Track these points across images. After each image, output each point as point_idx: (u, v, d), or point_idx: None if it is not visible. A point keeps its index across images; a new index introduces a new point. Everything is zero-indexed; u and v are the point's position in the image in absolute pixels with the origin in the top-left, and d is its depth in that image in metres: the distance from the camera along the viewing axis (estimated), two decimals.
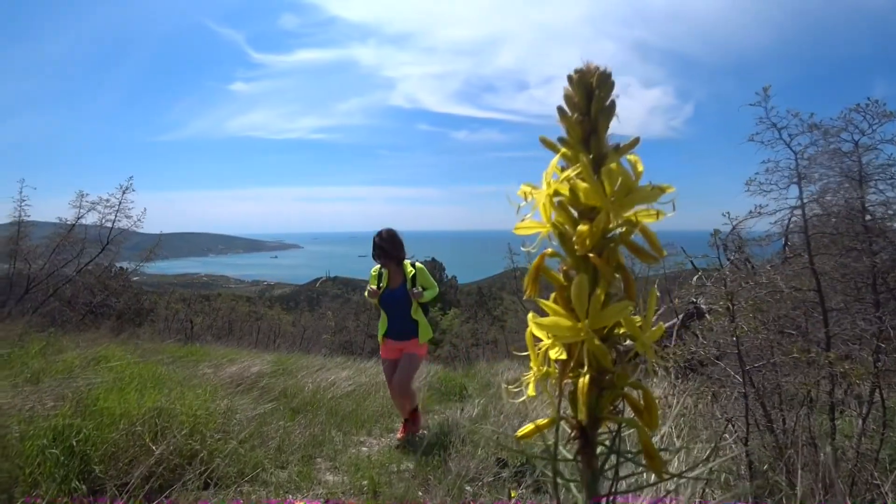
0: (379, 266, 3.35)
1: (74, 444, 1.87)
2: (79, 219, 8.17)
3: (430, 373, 5.50)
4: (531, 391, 0.54)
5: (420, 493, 2.14)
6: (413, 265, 3.37)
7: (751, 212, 2.99)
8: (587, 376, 0.49)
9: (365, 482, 2.22)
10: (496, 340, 15.89)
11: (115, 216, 8.17)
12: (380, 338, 3.38)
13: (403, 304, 3.26)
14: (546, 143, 0.56)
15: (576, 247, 0.49)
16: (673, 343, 5.89)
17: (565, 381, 0.52)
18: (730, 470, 2.08)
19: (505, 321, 19.98)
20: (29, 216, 8.09)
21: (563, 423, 0.52)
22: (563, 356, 0.52)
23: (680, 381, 4.23)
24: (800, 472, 1.71)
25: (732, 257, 5.66)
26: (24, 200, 7.98)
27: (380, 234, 3.33)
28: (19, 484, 1.77)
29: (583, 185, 0.50)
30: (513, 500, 2.07)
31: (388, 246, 3.29)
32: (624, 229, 0.52)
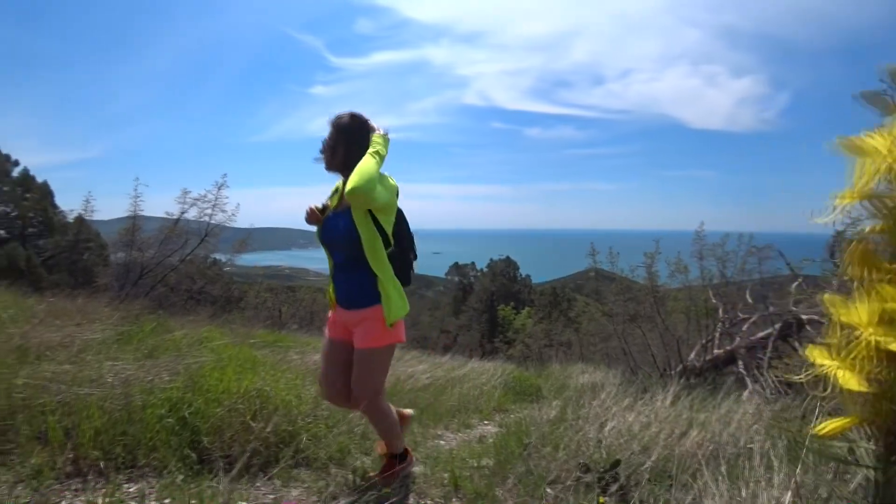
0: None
1: (186, 415, 2.06)
2: (183, 213, 8.96)
3: (506, 371, 5.48)
4: (854, 384, 0.46)
5: (500, 492, 2.13)
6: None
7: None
8: None
9: (445, 475, 2.24)
10: (570, 342, 15.52)
11: (212, 211, 8.87)
12: (328, 299, 2.11)
13: (350, 243, 1.90)
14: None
15: None
16: (768, 355, 5.44)
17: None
18: None
19: (580, 323, 19.47)
20: (142, 211, 9.03)
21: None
22: None
23: (775, 397, 3.90)
24: None
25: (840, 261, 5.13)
26: (138, 197, 8.91)
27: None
28: (141, 447, 1.97)
29: None
30: None
31: (331, 135, 1.99)
32: None
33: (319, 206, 2.08)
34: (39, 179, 24.79)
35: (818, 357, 0.46)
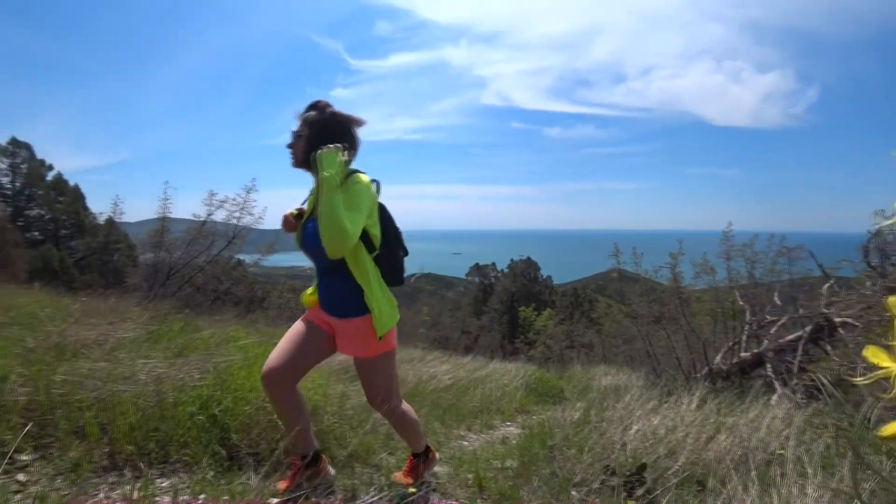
0: None
1: (216, 413, 2.11)
2: (209, 215, 9.16)
3: (528, 373, 5.45)
4: None
5: (525, 493, 2.12)
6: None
7: None
8: None
9: (470, 476, 2.25)
10: (592, 344, 15.37)
11: (241, 214, 9.05)
12: (303, 301, 2.03)
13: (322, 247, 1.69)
14: None
15: None
16: (798, 359, 5.29)
17: None
18: None
19: (602, 325, 19.26)
20: (171, 213, 9.27)
21: None
22: None
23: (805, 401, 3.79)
24: None
25: (876, 263, 4.96)
26: (167, 199, 9.15)
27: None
28: (173, 443, 2.03)
29: None
30: None
31: (299, 128, 1.83)
32: None
33: (295, 210, 1.97)
34: (71, 183, 25.71)
35: (881, 359, 0.46)
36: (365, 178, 1.79)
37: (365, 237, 1.81)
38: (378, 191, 1.87)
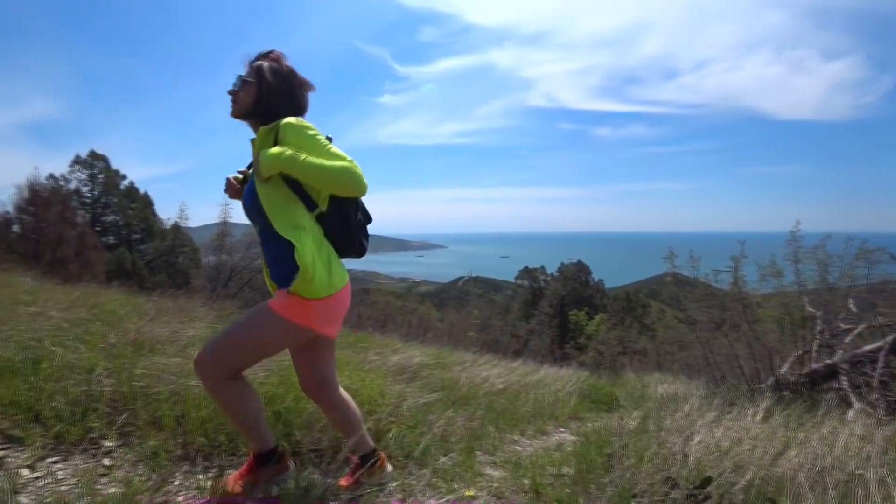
0: None
1: (280, 410, 2.20)
2: None
3: (580, 378, 5.35)
4: None
5: (583, 502, 2.09)
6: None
7: None
8: None
9: (526, 481, 2.23)
10: (645, 350, 14.88)
11: None
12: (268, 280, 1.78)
13: (256, 211, 1.64)
14: None
15: None
16: (879, 371, 4.92)
17: None
18: None
19: (655, 330, 18.61)
20: (231, 217, 9.76)
21: None
22: None
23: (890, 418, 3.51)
24: None
25: None
26: (227, 205, 9.64)
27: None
28: (241, 437, 2.13)
29: None
30: None
31: (248, 73, 1.69)
32: None
33: (239, 175, 1.84)
34: (142, 191, 27.57)
35: None
36: (292, 119, 1.62)
37: (302, 191, 1.63)
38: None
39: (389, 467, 2.04)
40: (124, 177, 27.52)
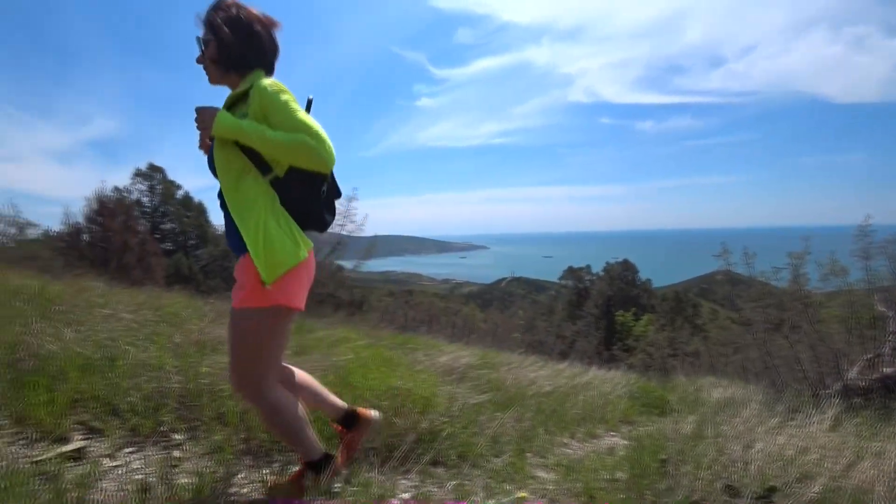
0: None
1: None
2: None
3: (630, 381, 5.22)
4: None
5: None
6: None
7: None
8: None
9: (579, 485, 2.21)
10: (697, 352, 14.33)
11: (344, 221, 9.65)
12: None
13: (215, 173, 1.56)
14: None
15: None
16: None
17: None
18: None
19: (707, 331, 17.90)
20: None
21: None
22: None
23: None
24: None
25: None
26: None
27: None
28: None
29: None
30: None
31: (205, 33, 1.55)
32: None
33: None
34: (196, 200, 28.94)
35: None
36: (266, 80, 1.51)
37: (255, 155, 1.50)
38: (308, 109, 1.58)
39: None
40: (180, 186, 29.00)
